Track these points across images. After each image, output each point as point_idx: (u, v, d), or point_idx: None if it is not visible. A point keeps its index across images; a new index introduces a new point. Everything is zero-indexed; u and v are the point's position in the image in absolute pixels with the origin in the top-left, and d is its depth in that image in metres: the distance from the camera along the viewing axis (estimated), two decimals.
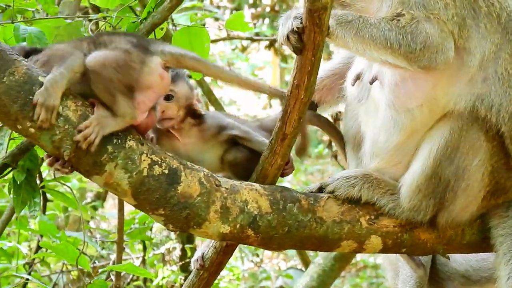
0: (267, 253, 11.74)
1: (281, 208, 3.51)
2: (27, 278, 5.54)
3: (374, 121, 3.75)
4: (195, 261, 3.74)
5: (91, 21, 4.60)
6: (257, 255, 11.42)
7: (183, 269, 9.13)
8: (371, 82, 3.74)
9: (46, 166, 3.38)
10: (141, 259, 8.66)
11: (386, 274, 4.98)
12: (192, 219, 3.38)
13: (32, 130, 3.19)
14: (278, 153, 3.49)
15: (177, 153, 3.51)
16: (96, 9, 6.86)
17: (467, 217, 3.70)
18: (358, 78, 3.86)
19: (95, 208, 9.38)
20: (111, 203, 11.42)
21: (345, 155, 3.98)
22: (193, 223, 3.39)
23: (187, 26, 4.40)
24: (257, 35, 11.62)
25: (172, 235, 9.60)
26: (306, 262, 9.29)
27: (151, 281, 8.59)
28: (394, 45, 3.48)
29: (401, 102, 3.61)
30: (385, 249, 3.65)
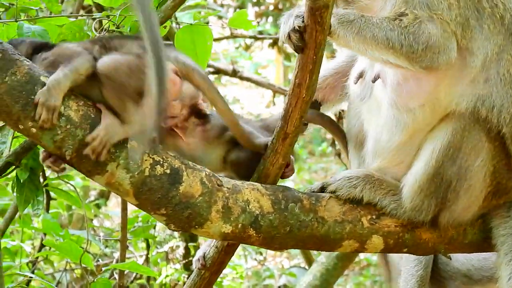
0: (270, 252, 11.71)
1: (282, 208, 3.51)
2: (31, 277, 5.54)
3: (376, 120, 3.75)
4: (196, 261, 3.74)
5: (94, 19, 4.59)
6: (260, 253, 11.41)
7: (186, 267, 9.12)
8: (374, 81, 3.73)
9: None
10: (144, 257, 8.67)
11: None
12: (194, 219, 3.38)
13: (34, 130, 3.19)
14: (279, 152, 3.48)
15: (180, 152, 3.51)
16: (99, 7, 6.84)
17: (469, 217, 3.70)
18: (361, 76, 3.85)
19: (98, 207, 9.39)
20: (114, 201, 11.42)
21: (348, 154, 3.98)
22: (194, 223, 3.39)
23: (190, 24, 4.40)
24: (261, 33, 11.60)
25: (176, 233, 9.59)
26: (309, 261, 9.29)
27: (155, 280, 8.59)
28: (396, 45, 3.47)
29: (403, 102, 3.60)
30: (386, 249, 3.65)
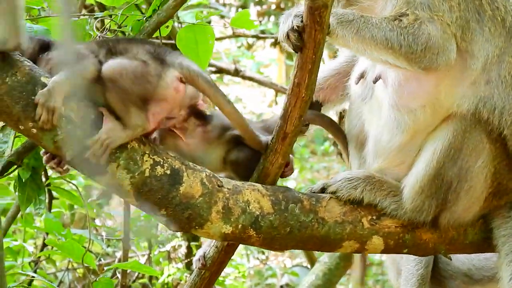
0: (272, 251, 11.69)
1: (283, 209, 3.50)
2: (33, 276, 5.54)
3: (377, 120, 3.74)
4: (196, 261, 3.74)
5: (96, 19, 4.59)
6: (262, 252, 11.40)
7: (188, 266, 9.12)
8: (375, 81, 3.73)
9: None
10: (146, 256, 8.67)
11: (389, 272, 4.98)
12: (194, 220, 3.38)
13: (34, 131, 3.20)
14: (279, 151, 3.48)
15: (180, 152, 3.51)
16: (101, 7, 6.85)
17: (469, 217, 3.70)
18: (362, 76, 3.85)
19: (100, 206, 9.39)
20: (116, 201, 11.42)
21: (348, 155, 3.97)
22: (195, 223, 3.39)
23: (193, 23, 4.40)
24: (263, 32, 11.59)
25: (178, 232, 9.58)
26: (311, 260, 9.29)
27: (157, 279, 8.60)
28: (395, 46, 3.46)
29: (404, 102, 3.60)
30: (387, 250, 3.65)
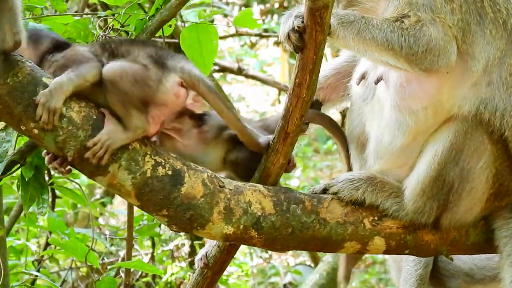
0: None
1: (284, 209, 3.50)
2: (36, 275, 5.55)
3: (378, 121, 3.74)
4: (199, 260, 3.73)
5: (99, 18, 4.60)
6: (266, 251, 11.40)
7: (192, 265, 9.12)
8: (376, 82, 3.73)
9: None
10: (150, 255, 8.68)
11: (391, 271, 4.99)
12: (196, 220, 3.38)
13: (36, 131, 3.20)
14: (280, 151, 3.48)
15: (179, 154, 3.49)
16: (104, 6, 6.85)
17: (471, 218, 3.69)
18: (363, 77, 3.84)
19: (104, 205, 9.41)
20: (120, 199, 11.44)
21: (347, 155, 3.96)
22: (196, 224, 3.39)
23: (196, 22, 4.40)
24: (266, 31, 11.58)
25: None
26: (315, 259, 9.30)
27: (160, 278, 8.60)
28: (395, 47, 3.46)
29: (405, 104, 3.60)
30: (388, 250, 3.65)
